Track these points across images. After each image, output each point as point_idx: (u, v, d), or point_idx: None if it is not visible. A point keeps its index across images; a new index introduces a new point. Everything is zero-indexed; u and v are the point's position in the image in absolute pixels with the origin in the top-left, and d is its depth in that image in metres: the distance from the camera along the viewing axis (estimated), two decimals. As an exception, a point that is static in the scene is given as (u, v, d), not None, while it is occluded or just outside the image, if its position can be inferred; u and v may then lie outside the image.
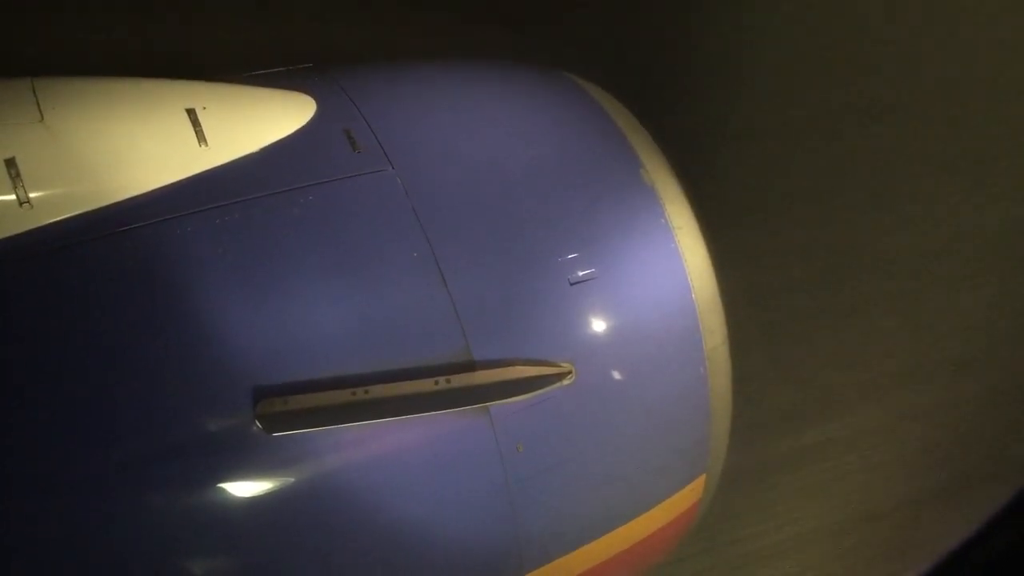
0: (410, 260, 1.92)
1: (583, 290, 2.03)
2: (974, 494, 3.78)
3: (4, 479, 1.63)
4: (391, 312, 1.89)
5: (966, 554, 1.21)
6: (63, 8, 3.77)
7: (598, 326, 2.05)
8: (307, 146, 2.04)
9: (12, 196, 1.74)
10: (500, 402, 1.89)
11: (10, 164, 1.75)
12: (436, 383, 1.85)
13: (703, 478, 2.34)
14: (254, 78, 2.27)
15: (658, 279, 2.16)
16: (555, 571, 2.10)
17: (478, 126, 2.27)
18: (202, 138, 1.93)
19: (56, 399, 1.67)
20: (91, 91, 1.99)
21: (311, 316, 1.84)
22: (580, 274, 2.03)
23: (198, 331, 1.75)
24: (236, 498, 1.74)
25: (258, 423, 1.72)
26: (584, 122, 2.37)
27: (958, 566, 1.22)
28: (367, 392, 1.80)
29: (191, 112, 1.95)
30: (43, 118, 1.83)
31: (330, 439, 1.79)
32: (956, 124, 5.25)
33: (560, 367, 1.97)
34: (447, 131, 2.21)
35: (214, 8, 4.11)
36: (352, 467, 1.84)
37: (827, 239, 4.69)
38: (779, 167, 4.85)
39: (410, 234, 1.93)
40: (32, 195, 1.75)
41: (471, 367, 1.89)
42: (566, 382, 1.96)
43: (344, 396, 1.79)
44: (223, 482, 1.73)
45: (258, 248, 1.86)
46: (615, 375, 2.07)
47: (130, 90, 2.03)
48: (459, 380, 1.87)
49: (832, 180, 4.91)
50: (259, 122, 2.05)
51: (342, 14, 4.18)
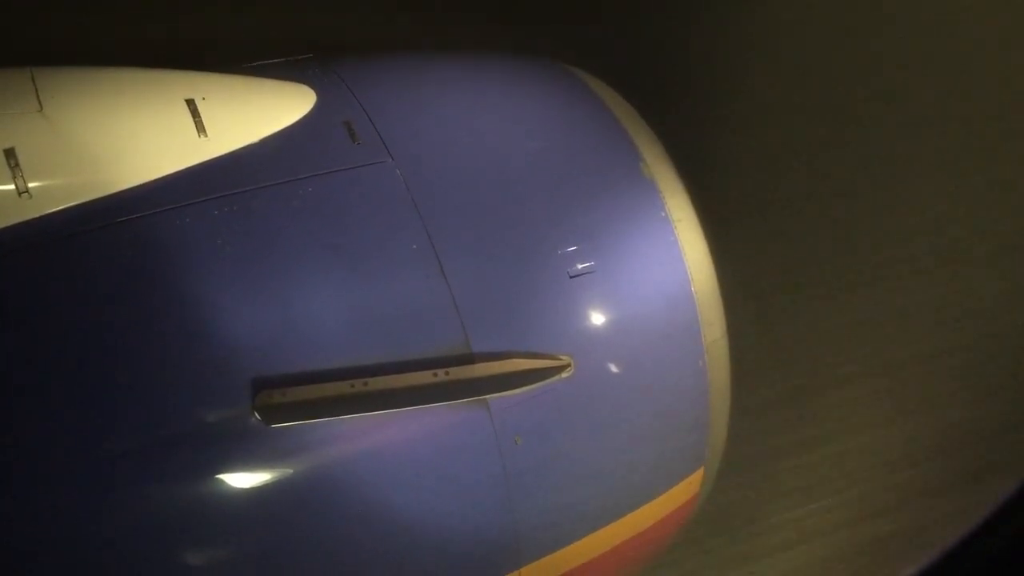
0: (409, 252, 1.92)
1: (582, 283, 2.03)
2: (976, 488, 3.78)
3: (2, 471, 1.63)
4: (390, 304, 1.89)
5: (968, 548, 1.21)
6: (63, -1, 3.76)
7: (597, 319, 2.05)
8: (307, 137, 2.03)
9: (11, 186, 1.74)
10: (499, 395, 1.89)
11: (9, 154, 1.75)
12: (435, 375, 1.85)
13: (701, 471, 2.34)
14: (254, 69, 2.27)
15: (657, 272, 2.16)
16: (553, 563, 2.10)
17: (478, 118, 2.26)
18: (201, 129, 1.93)
19: (54, 389, 1.67)
20: (90, 81, 1.99)
21: (310, 308, 1.84)
22: (579, 267, 2.03)
23: (197, 322, 1.75)
24: (235, 489, 1.74)
25: (257, 415, 1.73)
26: (584, 115, 2.37)
27: (961, 560, 1.22)
28: (366, 384, 1.80)
29: (191, 103, 1.95)
30: (42, 108, 1.83)
31: (329, 431, 1.79)
32: (958, 122, 5.24)
33: (559, 360, 1.97)
34: (447, 123, 2.20)
35: (214, -1, 4.10)
36: (351, 459, 1.84)
37: (828, 233, 4.68)
38: (779, 161, 4.84)
39: (409, 226, 1.93)
40: (31, 185, 1.75)
41: (470, 359, 1.89)
42: (565, 375, 1.97)
43: (343, 388, 1.79)
44: (221, 473, 1.73)
45: (257, 239, 1.86)
46: (614, 368, 2.07)
47: (129, 80, 2.03)
48: (458, 372, 1.87)
49: (833, 174, 4.90)
50: (259, 113, 2.05)
51: (342, 5, 4.16)
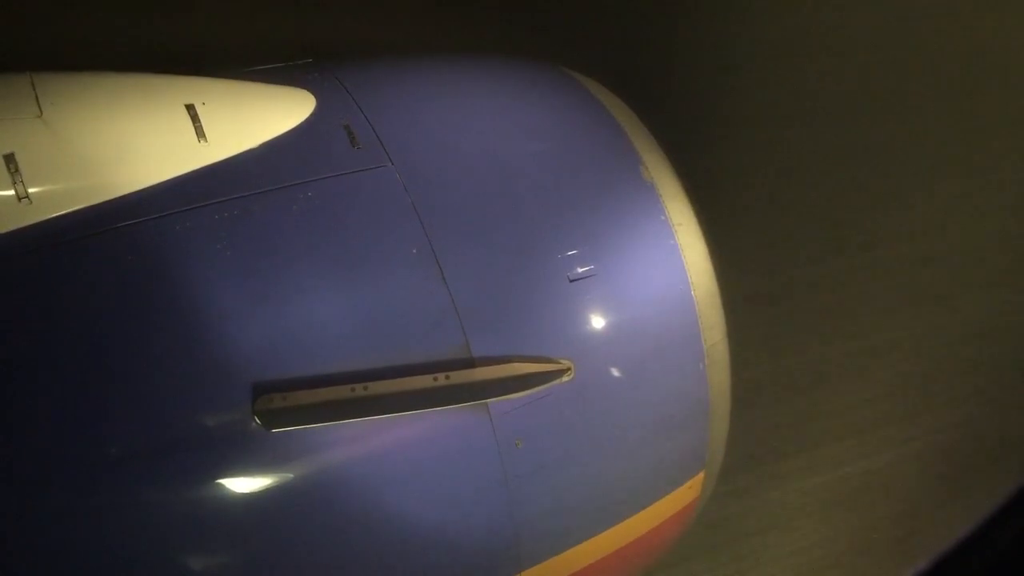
0: (409, 256, 1.91)
1: (582, 287, 2.03)
2: (977, 490, 3.78)
3: (2, 474, 1.63)
4: (390, 308, 1.89)
5: (969, 549, 1.21)
6: (62, 3, 3.76)
7: (597, 323, 2.05)
8: (307, 142, 2.03)
9: (11, 192, 1.74)
10: (499, 398, 1.89)
11: (9, 160, 1.75)
12: (435, 379, 1.85)
13: (702, 475, 2.34)
14: (254, 74, 2.27)
15: (658, 276, 2.16)
16: (553, 567, 2.10)
17: (478, 122, 2.26)
18: (201, 134, 1.93)
19: (54, 394, 1.67)
20: (90, 86, 1.99)
21: (310, 312, 1.84)
22: (579, 271, 2.03)
23: (197, 327, 1.75)
24: (235, 494, 1.74)
25: (257, 419, 1.72)
26: (584, 118, 2.37)
27: (961, 561, 1.22)
28: (366, 388, 1.80)
29: (190, 108, 1.95)
30: (42, 114, 1.83)
31: (329, 435, 1.79)
32: (959, 122, 5.25)
33: (559, 364, 1.97)
34: (447, 127, 2.20)
35: (213, 3, 4.10)
36: (351, 463, 1.84)
37: (830, 237, 4.69)
38: (780, 165, 4.85)
39: (409, 230, 1.93)
40: (31, 191, 1.75)
41: (470, 363, 1.89)
42: (565, 379, 1.96)
43: (343, 392, 1.79)
44: (222, 478, 1.73)
45: (257, 244, 1.85)
46: (614, 372, 2.07)
47: (129, 86, 2.03)
48: (458, 376, 1.87)
49: (835, 178, 4.90)
50: (259, 118, 2.05)
51: (341, 10, 4.17)
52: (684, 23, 5.02)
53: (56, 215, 1.76)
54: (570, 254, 2.04)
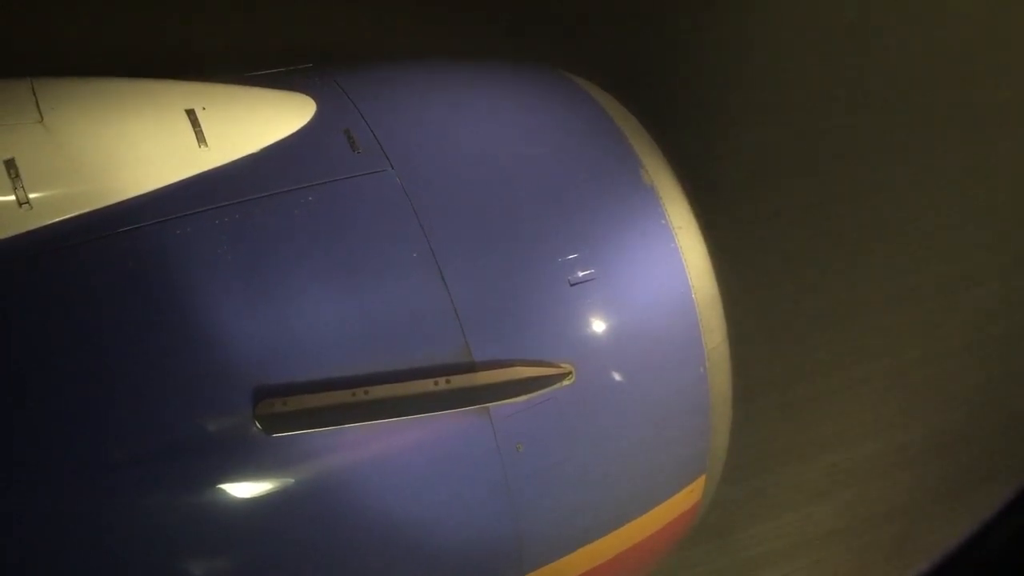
0: (410, 261, 1.92)
1: (583, 291, 2.03)
2: (976, 490, 3.78)
3: (3, 478, 1.63)
4: (391, 313, 1.89)
5: (968, 552, 1.21)
6: (63, 8, 3.77)
7: (598, 326, 2.05)
8: (307, 147, 2.04)
9: (12, 197, 1.74)
10: (500, 403, 1.89)
11: (10, 165, 1.75)
12: (436, 384, 1.85)
13: (703, 479, 2.34)
14: (254, 79, 2.27)
15: (658, 279, 2.16)
16: (555, 572, 2.10)
17: (478, 126, 2.27)
18: (202, 139, 1.93)
19: (54, 399, 1.66)
20: (91, 92, 1.99)
21: (311, 317, 1.84)
22: (580, 274, 2.03)
23: (198, 332, 1.75)
24: (235, 499, 1.74)
25: (258, 424, 1.72)
26: (584, 122, 2.37)
27: (960, 564, 1.21)
28: (367, 393, 1.80)
29: (191, 113, 1.95)
30: (43, 119, 1.83)
31: (330, 440, 1.79)
32: (960, 121, 5.25)
33: (560, 367, 1.97)
34: (447, 131, 2.21)
35: (214, 8, 4.11)
36: (352, 468, 1.84)
37: (830, 239, 4.69)
38: (780, 168, 4.85)
39: (410, 235, 1.93)
40: (32, 196, 1.75)
41: (471, 368, 1.89)
42: (566, 382, 1.96)
43: (344, 397, 1.79)
44: (223, 482, 1.73)
45: (258, 249, 1.86)
46: (615, 375, 2.07)
47: (130, 91, 2.03)
48: (459, 381, 1.87)
49: (835, 180, 4.91)
50: (259, 123, 2.05)
51: (341, 14, 4.17)
52: (684, 26, 5.03)
53: (57, 220, 1.76)
54: (570, 258, 2.04)
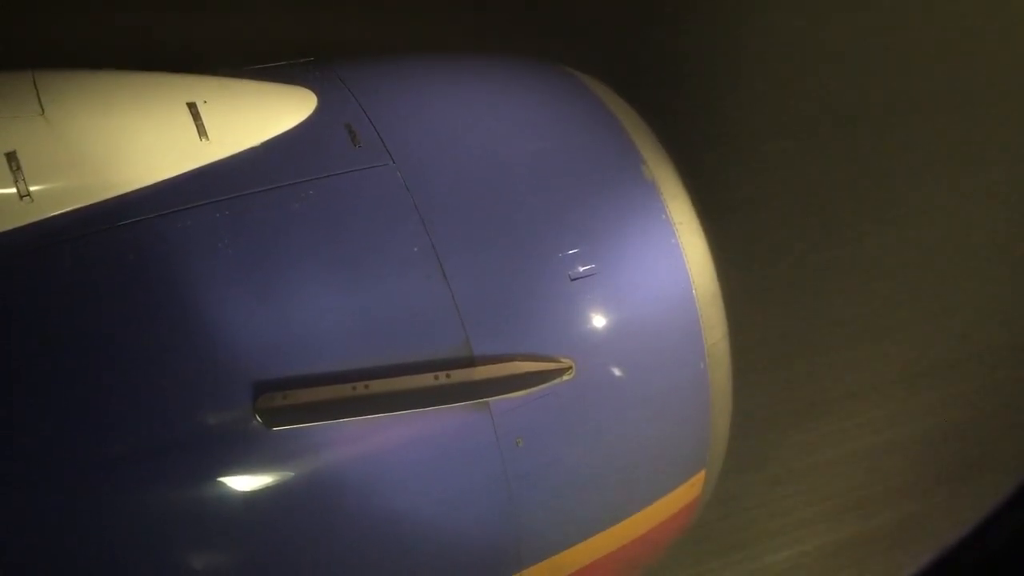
0: (410, 255, 1.92)
1: (583, 286, 2.03)
2: (977, 484, 3.78)
3: (3, 473, 1.63)
4: (391, 307, 1.89)
5: (969, 544, 1.21)
6: (63, 2, 3.77)
7: (598, 322, 2.05)
8: (308, 141, 2.04)
9: (13, 189, 1.74)
10: (500, 397, 1.89)
11: (11, 157, 1.75)
12: (436, 378, 1.85)
13: (703, 474, 2.34)
14: (255, 72, 2.27)
15: (659, 274, 2.16)
16: (554, 566, 2.10)
17: (479, 121, 2.26)
18: (203, 132, 1.93)
19: (55, 393, 1.67)
20: (92, 84, 1.99)
21: (312, 311, 1.84)
22: (581, 269, 2.03)
23: (198, 325, 1.75)
24: (236, 493, 1.74)
25: (258, 418, 1.73)
26: (585, 117, 2.37)
27: (961, 556, 1.21)
28: (367, 387, 1.80)
29: (192, 106, 1.95)
30: (44, 111, 1.83)
31: (330, 434, 1.79)
32: (960, 122, 5.25)
33: (560, 362, 1.97)
34: (448, 125, 2.20)
35: (215, 2, 4.10)
36: (352, 462, 1.84)
37: (830, 235, 4.69)
38: (781, 164, 4.85)
39: (410, 229, 1.93)
40: (33, 189, 1.75)
41: (471, 362, 1.89)
42: (566, 377, 1.96)
43: (344, 391, 1.79)
44: (223, 477, 1.73)
45: (259, 243, 1.86)
46: (615, 371, 2.07)
47: (131, 84, 2.03)
48: (459, 375, 1.87)
49: (834, 177, 4.91)
50: (260, 116, 2.05)
51: (343, 8, 4.17)
52: (686, 21, 5.03)
53: (57, 213, 1.76)
54: (571, 253, 2.04)
